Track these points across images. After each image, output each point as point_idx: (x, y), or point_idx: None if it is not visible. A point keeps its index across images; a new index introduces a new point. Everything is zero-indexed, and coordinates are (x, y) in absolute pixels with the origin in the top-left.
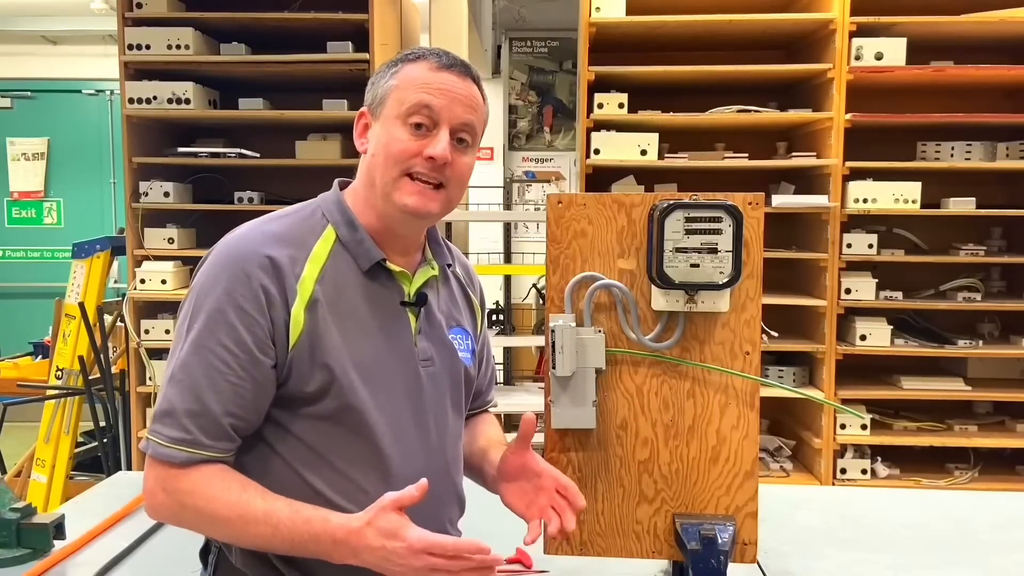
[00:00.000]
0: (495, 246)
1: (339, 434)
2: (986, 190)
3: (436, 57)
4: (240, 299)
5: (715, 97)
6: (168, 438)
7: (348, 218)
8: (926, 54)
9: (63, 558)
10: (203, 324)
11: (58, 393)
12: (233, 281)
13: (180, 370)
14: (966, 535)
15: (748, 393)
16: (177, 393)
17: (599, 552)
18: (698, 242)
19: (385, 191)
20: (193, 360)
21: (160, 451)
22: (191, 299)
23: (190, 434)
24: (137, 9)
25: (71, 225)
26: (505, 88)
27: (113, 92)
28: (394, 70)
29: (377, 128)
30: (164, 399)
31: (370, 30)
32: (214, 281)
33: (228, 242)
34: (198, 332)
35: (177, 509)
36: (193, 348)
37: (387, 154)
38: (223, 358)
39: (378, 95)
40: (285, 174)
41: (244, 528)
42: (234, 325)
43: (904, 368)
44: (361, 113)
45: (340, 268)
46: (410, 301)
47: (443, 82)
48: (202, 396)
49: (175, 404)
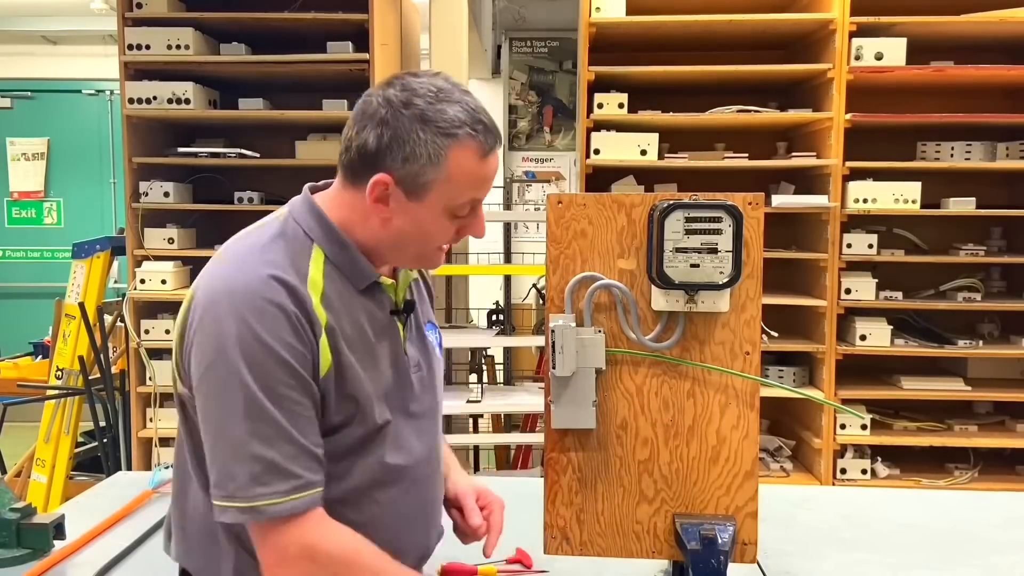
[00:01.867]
0: (495, 246)
1: (357, 458)
2: (986, 190)
3: (479, 138)
4: (283, 333)
5: (715, 97)
6: (283, 492)
7: (334, 235)
8: (926, 54)
9: (63, 558)
10: (261, 372)
11: (58, 393)
12: (269, 318)
13: (263, 425)
14: (966, 535)
15: (748, 393)
16: (269, 447)
17: (599, 552)
18: (698, 242)
19: (416, 259)
20: (268, 407)
21: (280, 509)
22: (224, 352)
23: (302, 477)
24: (137, 9)
25: (71, 225)
26: (505, 88)
27: (113, 92)
28: (438, 156)
29: (413, 209)
30: (254, 460)
31: (370, 30)
32: (245, 324)
33: (232, 279)
34: (259, 382)
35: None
36: (264, 396)
37: (428, 238)
38: (293, 397)
39: (418, 180)
40: (285, 174)
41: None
42: (289, 362)
43: (904, 368)
44: (383, 181)
45: (337, 290)
46: (398, 310)
47: (490, 170)
48: (295, 437)
49: (273, 458)
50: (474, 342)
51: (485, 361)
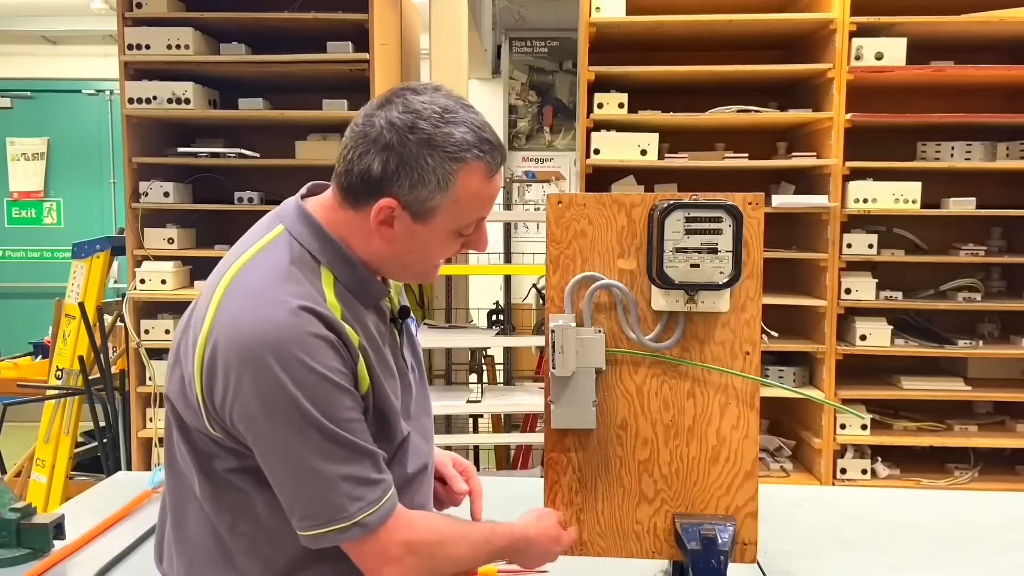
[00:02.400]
0: (495, 246)
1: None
2: (986, 190)
3: (486, 159)
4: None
5: (715, 97)
6: (376, 500)
7: (343, 257)
8: (926, 54)
9: (63, 558)
10: (323, 406)
11: (58, 393)
12: (312, 350)
13: (335, 446)
14: (966, 535)
15: (748, 393)
16: (351, 465)
17: (599, 552)
18: (698, 242)
19: (417, 275)
20: (336, 432)
21: (379, 516)
22: (286, 401)
23: (384, 480)
24: (137, 9)
25: (71, 225)
26: (505, 88)
27: (113, 92)
28: (446, 180)
29: (420, 231)
30: (344, 482)
31: (370, 30)
32: (292, 366)
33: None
34: (325, 416)
35: (426, 556)
36: (332, 423)
37: (431, 256)
38: (354, 417)
39: (426, 205)
40: (285, 174)
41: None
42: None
43: (904, 368)
44: (389, 206)
45: (351, 308)
46: (395, 318)
47: (497, 188)
48: (370, 450)
49: (361, 473)
50: (474, 342)
51: (485, 361)
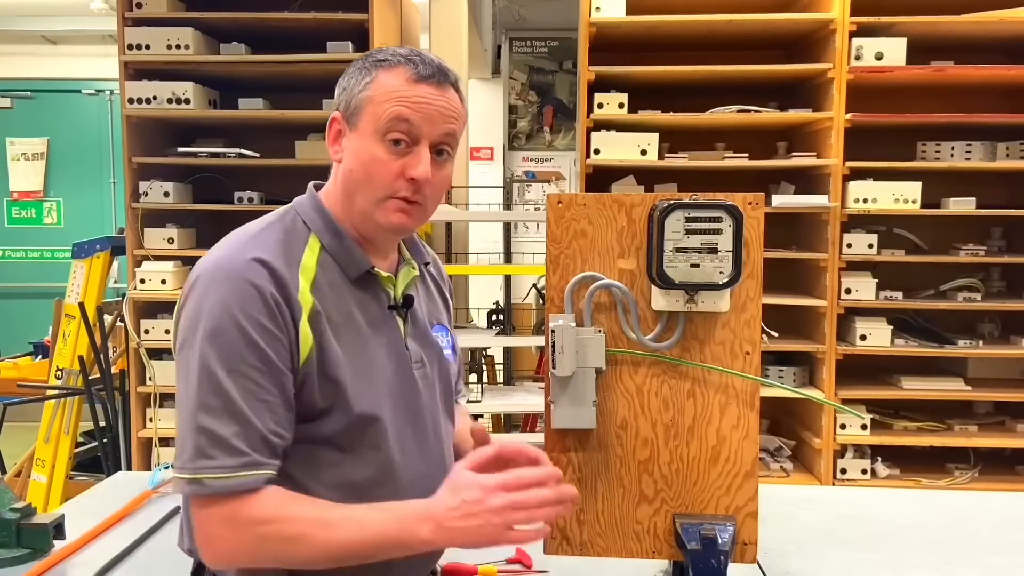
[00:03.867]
0: (495, 246)
1: (347, 446)
2: (986, 190)
3: (411, 65)
4: (258, 315)
5: (715, 97)
6: (227, 467)
7: (331, 225)
8: (926, 54)
9: (63, 558)
10: (226, 347)
11: (58, 393)
12: (247, 298)
13: (214, 397)
14: (966, 535)
15: (748, 393)
16: (218, 421)
17: (599, 552)
18: (698, 242)
19: (367, 210)
20: (226, 383)
21: (223, 485)
22: (199, 326)
23: (247, 455)
24: (137, 9)
25: (71, 225)
26: (505, 88)
27: (113, 92)
28: (368, 79)
29: (353, 140)
30: (202, 432)
31: (370, 30)
32: (225, 300)
33: (224, 261)
34: (223, 356)
35: (256, 543)
36: (223, 372)
37: (367, 175)
38: (254, 378)
39: (351, 104)
40: (285, 174)
41: (332, 537)
42: (255, 342)
43: (904, 368)
44: (333, 119)
45: (330, 278)
46: (397, 304)
47: (421, 95)
48: (246, 416)
49: (220, 431)
50: (474, 342)
51: (485, 361)
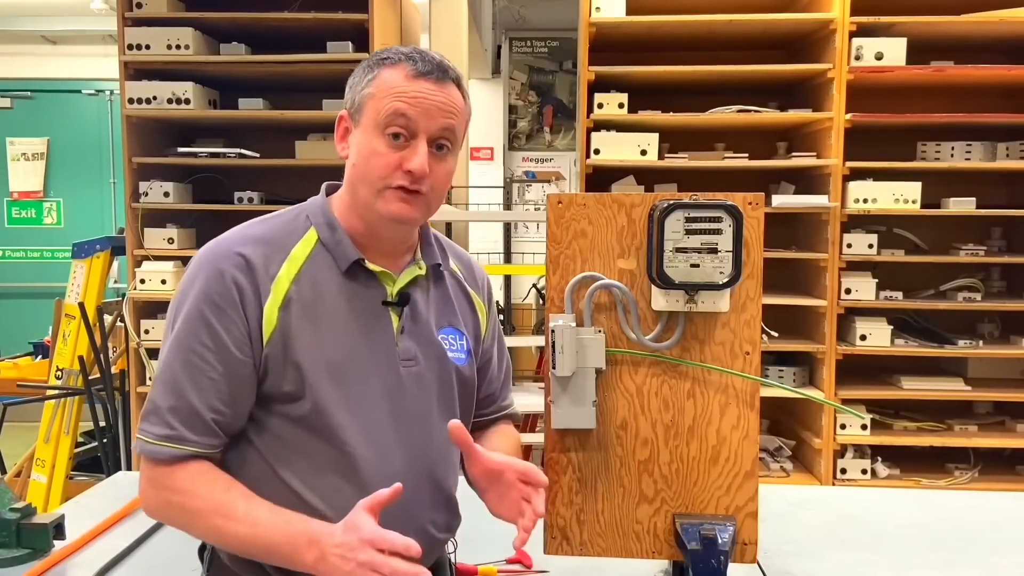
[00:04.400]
0: (495, 246)
1: (311, 434)
2: (986, 190)
3: (411, 62)
4: (216, 296)
5: (715, 97)
6: (154, 435)
7: (329, 220)
8: (926, 54)
9: (63, 558)
10: (182, 323)
11: (58, 393)
12: (209, 280)
13: (164, 369)
14: (966, 535)
15: (748, 393)
16: (160, 392)
17: (599, 552)
18: (698, 242)
19: (368, 201)
20: (174, 359)
21: (147, 448)
22: (173, 302)
23: (174, 429)
24: (137, 9)
25: (71, 225)
26: (505, 88)
27: (113, 92)
28: (371, 76)
29: (357, 136)
30: (149, 399)
31: (370, 30)
32: (192, 282)
33: (208, 245)
34: (177, 332)
35: (164, 506)
36: (174, 347)
37: (368, 167)
38: (202, 355)
39: (356, 101)
40: (285, 174)
41: (224, 526)
42: (210, 322)
43: (904, 368)
44: (341, 117)
45: (319, 268)
46: (392, 301)
47: (419, 91)
48: (183, 392)
49: (158, 402)
50: None
51: None
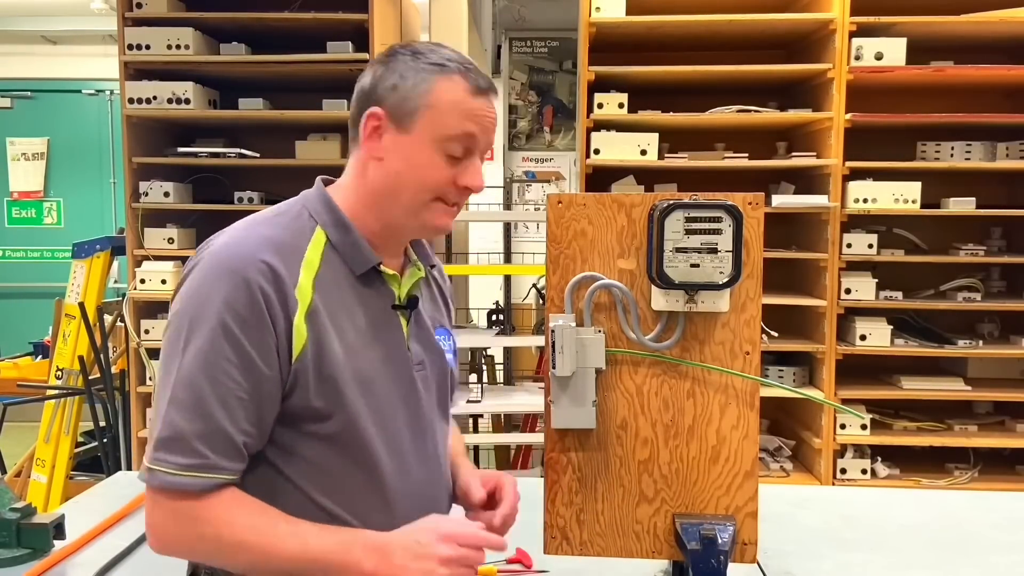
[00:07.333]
0: (495, 246)
1: (344, 452)
2: (986, 190)
3: (470, 75)
4: (242, 308)
5: (715, 97)
6: (180, 465)
7: (339, 219)
8: (926, 54)
9: (63, 558)
10: (205, 338)
11: (58, 393)
12: (233, 290)
13: (183, 389)
14: (966, 535)
15: (748, 393)
16: (183, 415)
17: (599, 552)
18: (698, 242)
19: (413, 210)
20: (199, 377)
21: (171, 481)
22: (185, 311)
23: (206, 458)
24: (137, 9)
25: (71, 225)
26: (505, 88)
27: (113, 92)
28: (425, 85)
29: (405, 143)
30: (167, 423)
31: (370, 30)
32: (211, 290)
33: (220, 249)
34: (200, 347)
35: (195, 541)
36: (198, 365)
37: (421, 179)
38: (229, 373)
39: (406, 106)
40: (285, 174)
41: (271, 550)
42: (237, 337)
43: (904, 368)
44: (373, 114)
45: (333, 273)
46: (401, 304)
47: (482, 109)
48: (213, 414)
49: (182, 427)
50: (474, 342)
51: (485, 361)
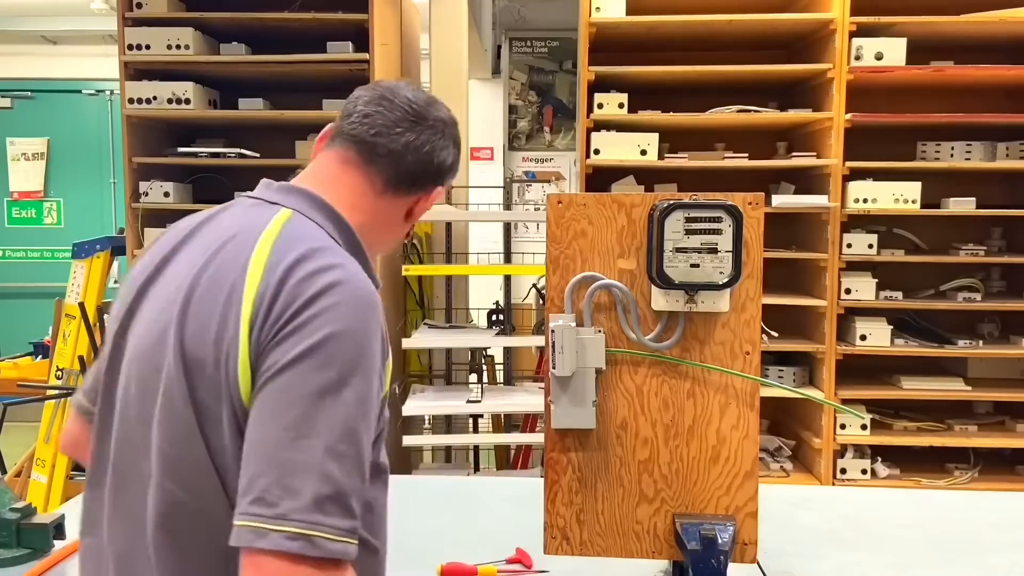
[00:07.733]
0: (495, 246)
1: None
2: (986, 190)
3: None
4: (380, 354)
5: (715, 97)
6: (342, 531)
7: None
8: (926, 54)
9: (63, 558)
10: (368, 384)
11: (58, 393)
12: (380, 330)
13: (347, 444)
14: (966, 535)
15: (748, 393)
16: (346, 473)
17: (599, 552)
18: (698, 242)
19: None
20: (360, 426)
21: (334, 549)
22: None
23: (356, 519)
24: (137, 9)
25: (71, 225)
26: (505, 88)
27: (113, 92)
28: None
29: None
30: (326, 478)
31: (370, 30)
32: (369, 328)
33: (352, 279)
34: (363, 393)
35: None
36: (360, 412)
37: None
38: (371, 426)
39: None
40: (285, 174)
41: None
42: (375, 384)
43: (904, 368)
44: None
45: None
46: None
47: None
48: (364, 474)
49: (343, 484)
50: (474, 342)
51: (485, 361)
